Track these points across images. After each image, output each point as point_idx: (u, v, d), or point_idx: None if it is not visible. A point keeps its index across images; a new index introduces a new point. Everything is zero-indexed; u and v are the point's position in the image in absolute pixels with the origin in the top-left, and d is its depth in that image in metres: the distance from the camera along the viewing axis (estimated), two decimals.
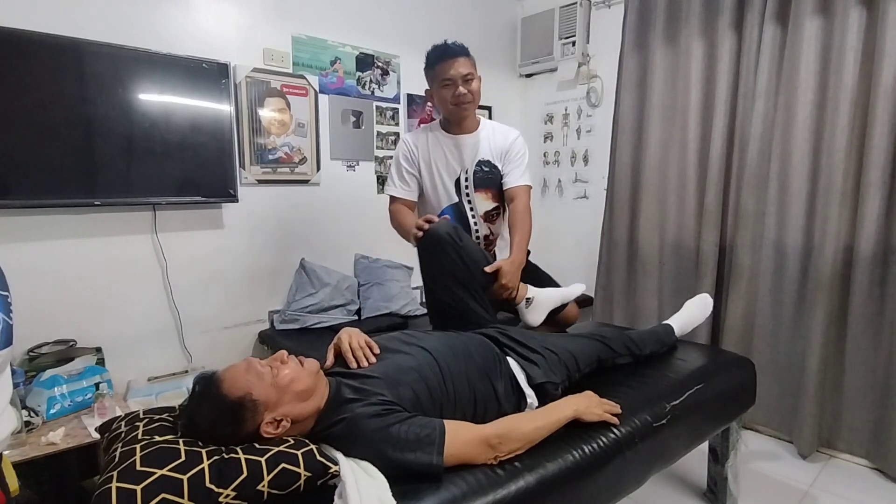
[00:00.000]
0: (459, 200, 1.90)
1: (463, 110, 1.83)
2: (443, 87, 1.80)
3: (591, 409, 1.34)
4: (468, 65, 1.80)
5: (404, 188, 1.92)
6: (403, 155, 1.92)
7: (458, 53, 1.78)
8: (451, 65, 1.77)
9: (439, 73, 1.79)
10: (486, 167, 1.90)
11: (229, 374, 1.12)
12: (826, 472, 2.19)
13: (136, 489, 0.89)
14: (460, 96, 1.79)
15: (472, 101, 1.82)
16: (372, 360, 1.32)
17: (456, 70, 1.77)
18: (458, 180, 1.88)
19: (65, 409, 1.82)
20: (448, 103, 1.82)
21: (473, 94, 1.81)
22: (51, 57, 1.87)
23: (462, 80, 1.78)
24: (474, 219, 1.93)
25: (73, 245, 2.04)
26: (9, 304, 0.80)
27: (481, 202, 1.91)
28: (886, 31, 1.99)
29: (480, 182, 1.90)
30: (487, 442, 1.17)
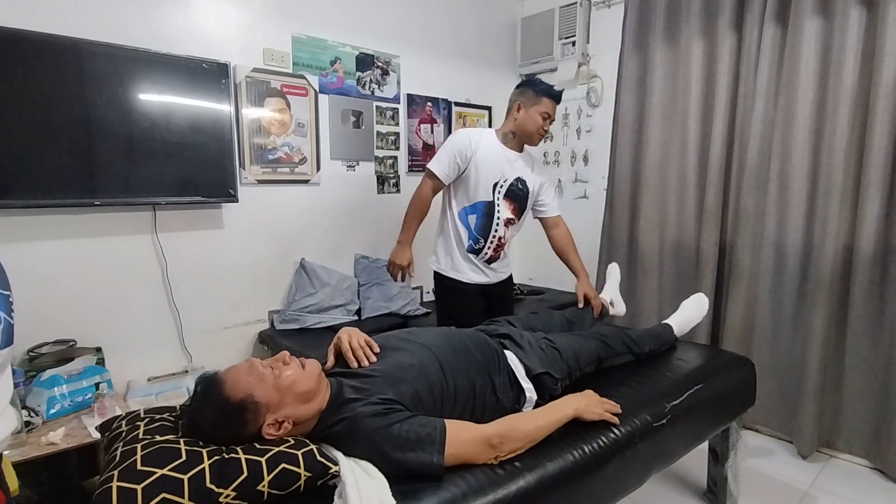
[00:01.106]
0: (492, 201, 2.08)
1: (535, 139, 2.12)
2: (541, 116, 2.06)
3: (591, 408, 1.35)
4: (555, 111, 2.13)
5: (445, 172, 2.06)
6: (460, 148, 2.04)
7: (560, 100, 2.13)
8: (555, 106, 2.09)
9: (545, 105, 2.05)
10: (521, 184, 2.12)
11: (231, 375, 1.12)
12: (826, 472, 2.19)
13: (137, 488, 0.89)
14: (545, 130, 2.10)
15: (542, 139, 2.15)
16: (373, 359, 1.33)
17: (553, 111, 2.09)
18: (497, 184, 2.07)
19: (65, 409, 1.82)
20: (535, 130, 2.07)
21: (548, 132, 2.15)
22: (51, 57, 1.87)
23: (551, 120, 2.11)
24: (497, 220, 2.10)
25: (73, 245, 2.04)
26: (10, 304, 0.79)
27: (505, 209, 2.11)
28: (886, 31, 1.99)
29: (510, 193, 2.10)
30: (488, 441, 1.17)
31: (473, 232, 2.10)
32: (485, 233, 2.10)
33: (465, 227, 2.10)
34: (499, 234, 2.11)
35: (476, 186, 2.06)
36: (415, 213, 2.11)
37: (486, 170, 2.05)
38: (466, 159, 2.04)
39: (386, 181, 3.03)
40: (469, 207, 2.09)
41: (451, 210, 2.12)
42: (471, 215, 2.09)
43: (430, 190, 2.10)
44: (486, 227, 2.10)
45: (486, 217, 2.09)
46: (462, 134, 2.09)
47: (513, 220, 2.15)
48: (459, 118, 3.36)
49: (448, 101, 3.28)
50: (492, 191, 2.07)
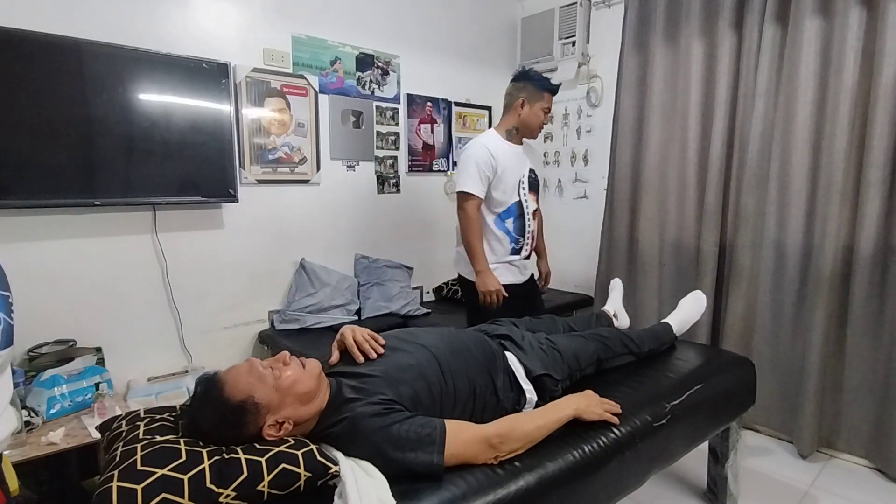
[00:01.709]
0: (519, 199, 2.13)
1: (536, 133, 2.19)
2: (543, 111, 2.12)
3: (591, 409, 1.35)
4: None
5: (481, 188, 2.08)
6: (483, 160, 2.06)
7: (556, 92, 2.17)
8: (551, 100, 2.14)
9: (547, 100, 2.11)
10: (533, 174, 2.19)
11: (231, 376, 1.12)
12: (826, 472, 2.19)
13: (137, 488, 0.89)
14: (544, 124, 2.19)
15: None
16: (380, 351, 1.32)
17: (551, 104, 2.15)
18: (519, 182, 2.13)
19: (65, 409, 1.82)
20: (538, 125, 2.14)
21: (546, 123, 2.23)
22: (51, 57, 1.87)
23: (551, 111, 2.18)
24: (528, 216, 2.15)
25: (73, 245, 2.04)
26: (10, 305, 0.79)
27: (531, 202, 2.17)
28: (886, 31, 1.99)
29: (531, 186, 2.17)
30: (488, 441, 1.17)
31: (513, 234, 2.13)
32: (522, 231, 2.15)
33: (504, 233, 2.13)
34: (531, 227, 2.18)
35: (505, 191, 2.10)
36: (477, 237, 2.11)
37: (509, 172, 2.09)
38: (493, 169, 2.07)
39: (386, 181, 3.03)
40: (503, 213, 2.12)
41: (484, 220, 2.12)
42: (507, 220, 2.12)
43: (476, 210, 2.10)
44: (522, 225, 2.15)
45: (519, 217, 2.14)
46: (478, 147, 2.09)
47: (537, 210, 2.23)
48: (459, 118, 3.37)
49: (448, 101, 3.28)
50: (517, 190, 2.12)
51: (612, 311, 2.11)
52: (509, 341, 1.57)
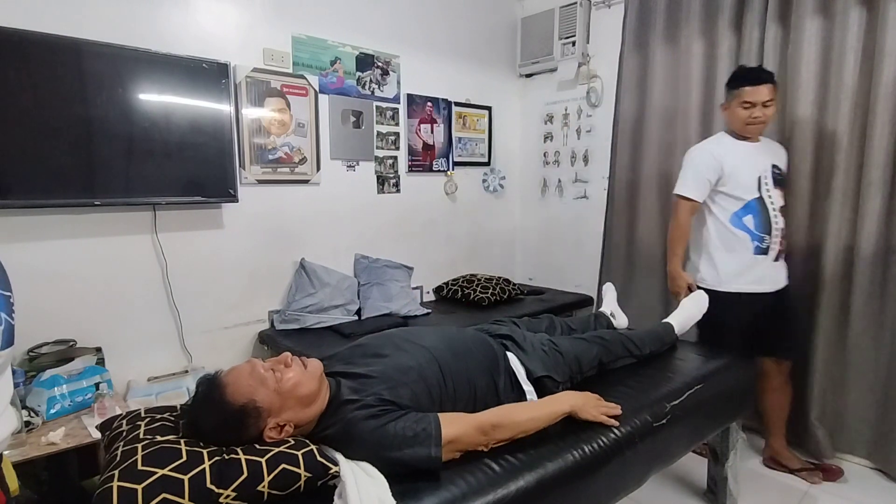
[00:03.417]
0: (760, 196, 2.03)
1: (751, 130, 2.02)
2: (742, 107, 1.99)
3: (587, 409, 1.35)
4: (771, 91, 1.97)
5: (696, 192, 2.07)
6: (704, 163, 2.05)
7: (765, 80, 1.97)
8: (757, 91, 1.96)
9: (743, 95, 1.97)
10: (777, 169, 2.08)
11: (232, 379, 1.11)
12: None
13: (138, 488, 0.89)
14: (754, 118, 1.99)
15: (763, 124, 2.01)
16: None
17: (759, 96, 1.96)
18: (760, 178, 2.03)
19: (65, 409, 1.82)
20: (743, 122, 2.01)
21: (767, 117, 2.00)
22: (51, 57, 1.87)
23: (762, 104, 1.97)
24: (774, 212, 2.05)
25: (73, 245, 2.04)
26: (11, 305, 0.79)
27: (777, 198, 2.06)
28: (886, 30, 1.99)
29: (776, 181, 2.06)
30: (481, 428, 1.18)
31: (756, 232, 2.03)
32: (767, 228, 2.04)
33: (744, 231, 2.04)
34: (779, 224, 2.05)
35: (737, 188, 2.03)
36: (680, 240, 2.13)
37: (741, 169, 2.02)
38: (717, 170, 2.03)
39: (386, 181, 3.03)
40: (741, 210, 2.03)
41: (717, 219, 2.08)
42: (745, 217, 2.03)
43: (687, 213, 2.10)
44: (766, 221, 2.04)
45: (762, 213, 2.04)
46: (702, 152, 2.09)
47: (784, 207, 2.10)
48: (459, 118, 3.36)
49: (448, 101, 3.28)
50: (757, 186, 2.03)
51: (610, 311, 2.11)
52: (511, 342, 1.58)
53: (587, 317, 2.09)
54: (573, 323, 2.01)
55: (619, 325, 2.10)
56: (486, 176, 3.57)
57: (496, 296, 3.01)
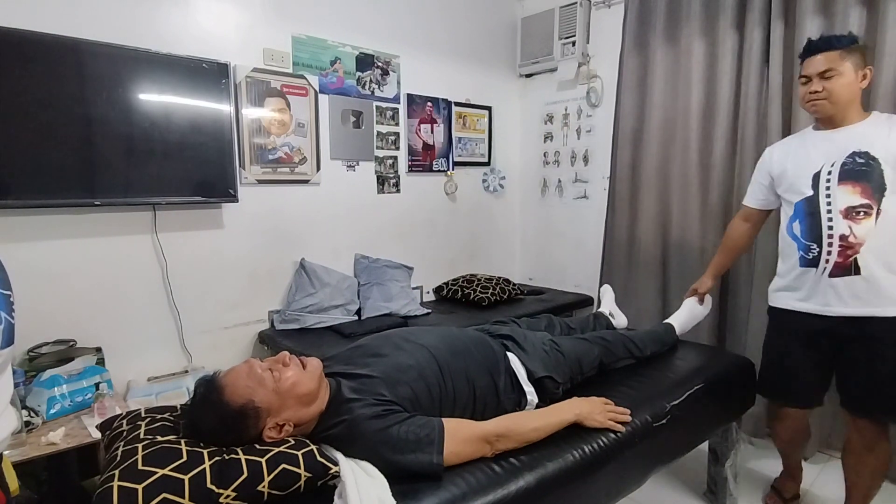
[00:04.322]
0: (815, 194, 1.64)
1: (813, 108, 1.65)
2: (801, 82, 1.68)
3: (593, 416, 1.34)
4: (830, 59, 1.59)
5: (751, 196, 1.91)
6: (760, 164, 1.87)
7: (818, 49, 1.62)
8: (810, 62, 1.63)
9: (802, 69, 1.67)
10: (860, 158, 1.58)
11: (230, 380, 1.11)
12: (826, 473, 2.20)
13: (138, 488, 0.89)
14: (812, 94, 1.63)
15: (827, 100, 1.61)
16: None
17: (813, 67, 1.62)
18: (818, 174, 1.64)
19: (65, 409, 1.82)
20: (802, 102, 1.69)
21: (830, 91, 1.59)
22: (51, 57, 1.86)
23: (819, 76, 1.61)
24: (829, 213, 1.61)
25: (73, 245, 2.04)
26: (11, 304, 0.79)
27: (843, 195, 1.59)
28: (886, 31, 2.00)
29: (848, 174, 1.59)
30: (486, 439, 1.18)
31: (802, 240, 1.67)
32: (815, 234, 1.63)
33: (793, 238, 1.71)
34: (838, 230, 1.58)
35: (789, 190, 1.72)
36: (724, 244, 2.00)
37: (793, 168, 1.71)
38: (767, 172, 1.82)
39: (386, 181, 3.03)
40: (792, 216, 1.71)
41: (781, 229, 1.79)
42: (794, 222, 1.70)
43: (739, 218, 1.95)
44: (814, 226, 1.63)
45: (809, 216, 1.65)
46: (766, 151, 1.88)
47: (865, 209, 1.56)
48: (459, 118, 3.36)
49: (448, 101, 3.28)
50: (811, 184, 1.65)
51: (608, 311, 2.11)
52: (511, 342, 1.57)
53: (586, 317, 2.09)
54: (572, 323, 2.01)
55: (618, 325, 2.11)
56: (486, 176, 3.57)
57: (496, 296, 3.01)
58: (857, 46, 1.59)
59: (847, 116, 1.63)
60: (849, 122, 1.63)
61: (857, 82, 1.59)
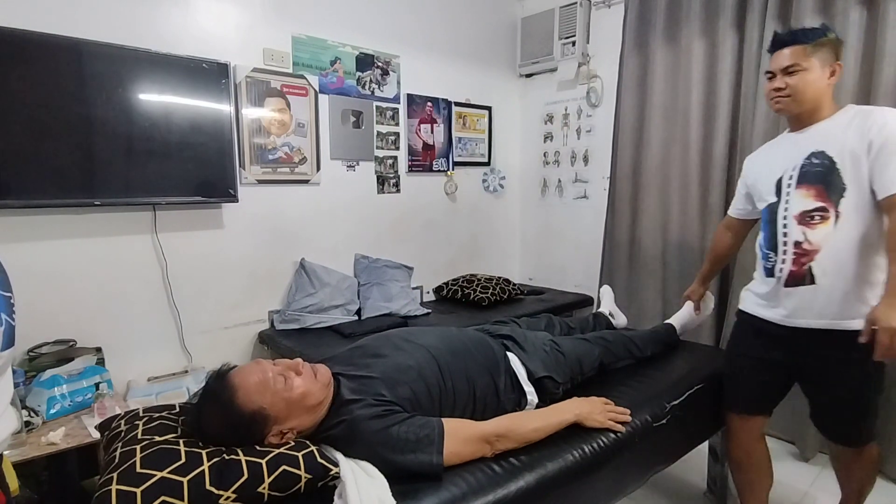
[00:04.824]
0: (777, 201, 1.55)
1: (777, 106, 1.54)
2: (767, 77, 1.55)
3: (593, 416, 1.34)
4: (795, 55, 1.47)
5: (732, 205, 1.84)
6: (743, 171, 1.76)
7: (784, 43, 1.50)
8: (776, 56, 1.52)
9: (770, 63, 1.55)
10: (816, 159, 1.46)
11: (243, 382, 1.09)
12: (826, 473, 2.19)
13: (136, 492, 0.89)
14: (775, 91, 1.52)
15: (790, 97, 1.49)
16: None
17: (777, 62, 1.51)
18: (781, 179, 1.54)
19: (65, 409, 1.82)
20: (767, 98, 1.57)
21: (794, 88, 1.47)
22: (51, 57, 1.86)
23: (782, 71, 1.49)
24: (785, 220, 1.51)
25: (73, 245, 2.04)
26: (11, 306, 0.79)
27: (798, 200, 1.48)
28: (886, 31, 1.99)
29: (804, 177, 1.48)
30: (486, 439, 1.18)
31: (764, 249, 1.58)
32: (772, 243, 1.54)
33: (758, 248, 1.63)
34: (792, 236, 1.48)
35: (759, 199, 1.64)
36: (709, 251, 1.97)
37: (761, 175, 1.62)
38: (744, 183, 1.73)
39: (386, 181, 3.02)
40: (761, 225, 1.63)
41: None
42: (761, 233, 1.61)
43: (722, 228, 1.89)
44: (772, 234, 1.54)
45: (769, 223, 1.56)
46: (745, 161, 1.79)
47: (821, 213, 1.43)
48: (459, 118, 3.36)
49: (448, 101, 3.28)
50: (775, 190, 1.56)
51: (608, 311, 2.11)
52: (512, 342, 1.57)
53: (586, 317, 2.09)
54: (572, 322, 2.01)
55: (618, 325, 2.11)
56: (486, 176, 3.57)
57: (496, 296, 3.01)
58: (826, 40, 1.47)
59: (814, 115, 1.51)
60: (816, 120, 1.52)
61: (824, 78, 1.47)
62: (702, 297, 2.03)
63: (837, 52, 1.49)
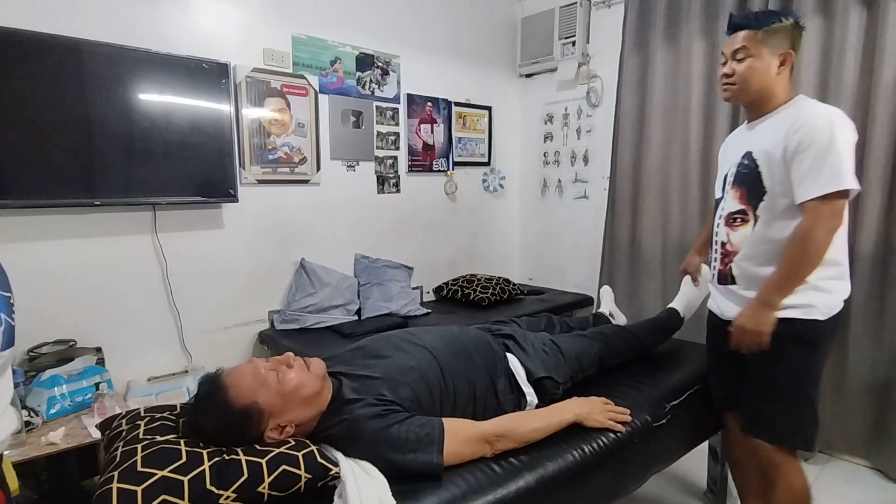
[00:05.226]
0: (721, 196, 1.55)
1: (724, 94, 1.48)
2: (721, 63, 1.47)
3: (593, 416, 1.35)
4: (746, 39, 1.39)
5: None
6: None
7: (737, 26, 1.42)
8: (730, 40, 1.43)
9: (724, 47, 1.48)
10: (746, 160, 1.44)
11: (235, 379, 1.11)
12: (826, 472, 2.19)
13: (137, 490, 0.89)
14: (723, 77, 1.45)
15: (737, 85, 1.42)
16: None
17: (729, 45, 1.43)
18: (726, 177, 1.53)
19: (65, 409, 1.82)
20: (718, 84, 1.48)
21: (740, 75, 1.41)
22: (51, 57, 1.86)
23: (732, 56, 1.42)
24: (719, 219, 1.53)
25: (73, 245, 2.04)
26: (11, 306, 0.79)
27: (729, 201, 1.49)
28: (886, 30, 1.99)
29: (735, 177, 1.47)
30: (486, 439, 1.18)
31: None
32: (712, 239, 1.58)
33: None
34: (720, 236, 1.52)
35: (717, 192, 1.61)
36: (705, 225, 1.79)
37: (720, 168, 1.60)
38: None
39: (386, 181, 3.03)
40: None
41: None
42: None
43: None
44: (712, 231, 1.58)
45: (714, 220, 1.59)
46: None
47: (741, 214, 1.45)
48: (459, 118, 3.36)
49: (448, 101, 3.28)
50: (722, 186, 1.55)
51: (608, 311, 2.11)
52: (512, 342, 1.57)
53: (586, 317, 2.09)
54: (572, 322, 2.01)
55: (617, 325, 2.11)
56: (486, 176, 3.57)
57: (496, 296, 3.01)
58: (780, 27, 1.37)
59: (763, 107, 1.44)
60: (765, 113, 1.45)
61: (772, 68, 1.38)
62: (697, 268, 1.90)
63: (794, 41, 1.40)
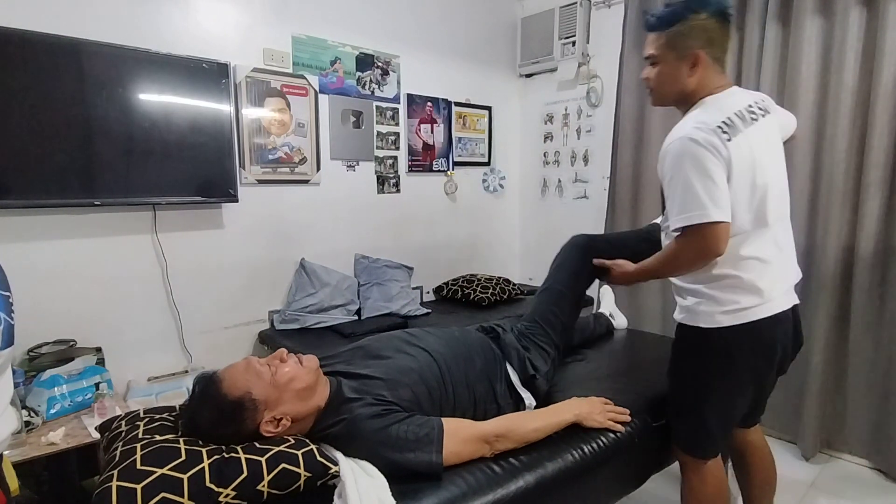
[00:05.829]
0: None
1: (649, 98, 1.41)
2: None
3: (592, 416, 1.34)
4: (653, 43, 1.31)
5: None
6: None
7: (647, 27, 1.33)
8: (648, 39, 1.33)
9: None
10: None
11: (228, 373, 1.13)
12: (826, 472, 2.19)
13: (137, 488, 0.89)
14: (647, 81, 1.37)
15: (652, 91, 1.37)
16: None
17: (647, 44, 1.33)
18: None
19: (65, 409, 1.82)
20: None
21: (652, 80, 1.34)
22: (51, 57, 1.87)
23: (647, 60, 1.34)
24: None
25: (73, 245, 2.04)
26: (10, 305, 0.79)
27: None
28: (886, 30, 1.99)
29: None
30: (485, 439, 1.18)
31: None
32: None
33: None
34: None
35: None
36: None
37: None
38: None
39: (386, 181, 3.03)
40: None
41: None
42: None
43: None
44: None
45: None
46: None
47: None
48: (459, 118, 3.36)
49: (448, 101, 3.28)
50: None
51: (608, 312, 2.12)
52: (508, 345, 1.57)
53: (586, 317, 2.09)
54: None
55: (618, 326, 2.10)
56: (486, 176, 3.57)
57: (496, 296, 3.01)
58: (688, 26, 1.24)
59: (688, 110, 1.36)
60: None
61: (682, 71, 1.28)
62: None
63: (711, 35, 1.25)
